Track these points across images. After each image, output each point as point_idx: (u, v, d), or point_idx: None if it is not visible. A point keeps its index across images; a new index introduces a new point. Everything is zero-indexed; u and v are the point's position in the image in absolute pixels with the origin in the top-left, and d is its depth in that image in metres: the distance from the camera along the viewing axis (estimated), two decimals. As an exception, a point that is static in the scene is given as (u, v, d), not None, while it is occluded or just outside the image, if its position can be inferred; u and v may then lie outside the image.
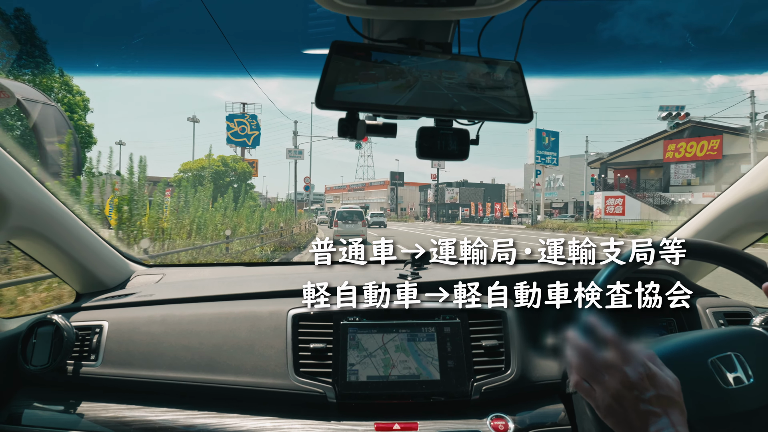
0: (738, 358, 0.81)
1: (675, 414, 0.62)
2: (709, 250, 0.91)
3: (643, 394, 0.62)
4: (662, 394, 0.63)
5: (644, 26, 1.50)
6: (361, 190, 70.36)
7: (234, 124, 29.41)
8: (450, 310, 1.27)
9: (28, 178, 1.25)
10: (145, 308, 1.38)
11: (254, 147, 30.12)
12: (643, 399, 0.62)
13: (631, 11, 1.49)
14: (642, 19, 1.48)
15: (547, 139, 34.78)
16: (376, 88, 0.81)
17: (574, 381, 0.68)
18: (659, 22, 1.52)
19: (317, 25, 1.25)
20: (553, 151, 35.14)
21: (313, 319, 1.26)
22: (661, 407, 0.62)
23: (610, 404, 0.64)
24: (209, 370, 1.21)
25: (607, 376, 0.64)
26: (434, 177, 49.83)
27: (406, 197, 60.85)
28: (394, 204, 59.47)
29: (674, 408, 0.62)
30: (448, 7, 0.80)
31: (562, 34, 1.50)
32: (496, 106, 0.87)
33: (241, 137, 29.58)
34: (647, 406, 0.62)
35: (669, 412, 0.62)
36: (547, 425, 1.16)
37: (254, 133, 29.85)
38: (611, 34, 1.55)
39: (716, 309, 1.36)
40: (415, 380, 1.18)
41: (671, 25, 1.55)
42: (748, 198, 1.35)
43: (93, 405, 1.19)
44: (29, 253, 1.41)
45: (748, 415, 0.78)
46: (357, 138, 0.85)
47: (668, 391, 0.63)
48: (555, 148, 35.19)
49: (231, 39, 1.70)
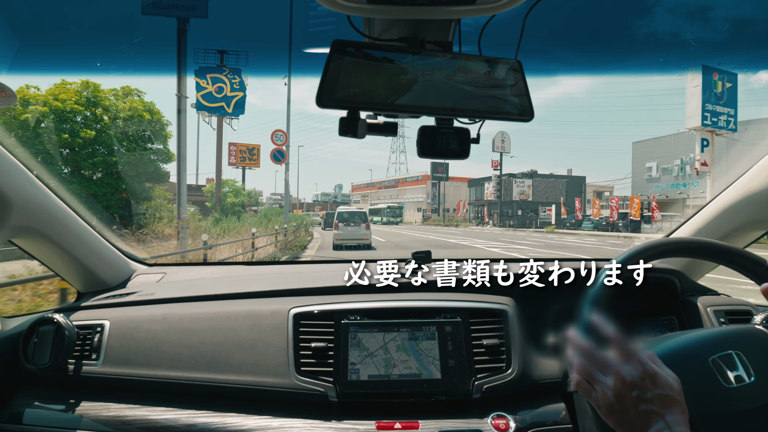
0: (739, 357, 0.81)
1: (676, 413, 0.62)
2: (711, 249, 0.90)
3: (644, 394, 0.62)
4: (663, 393, 0.62)
5: (647, 22, 1.50)
6: (393, 188, 60.27)
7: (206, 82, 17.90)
8: (451, 309, 1.27)
9: (29, 177, 1.25)
10: (147, 307, 1.38)
11: (236, 115, 19.48)
12: (644, 399, 0.62)
13: (632, 10, 1.49)
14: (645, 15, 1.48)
15: (720, 85, 19.99)
16: (377, 86, 0.81)
17: (575, 381, 0.68)
18: (662, 17, 1.52)
19: (318, 24, 1.25)
20: (730, 107, 20.28)
21: (314, 318, 1.26)
22: (662, 407, 0.62)
23: (611, 404, 0.64)
24: (210, 369, 1.21)
25: (608, 375, 0.64)
26: (497, 165, 38.75)
27: (449, 195, 49.74)
28: (436, 203, 48.81)
29: (675, 407, 0.62)
30: (448, 5, 0.80)
31: (564, 32, 1.50)
32: (496, 105, 0.87)
33: (217, 100, 18.17)
34: (648, 405, 0.62)
35: (670, 412, 0.62)
36: (548, 424, 1.16)
37: (236, 96, 18.16)
38: (614, 30, 1.55)
39: (717, 307, 1.36)
40: (416, 379, 1.18)
41: (676, 21, 1.55)
42: (748, 196, 1.35)
43: (94, 404, 1.20)
44: (30, 252, 1.41)
45: (749, 413, 0.78)
46: (358, 137, 0.85)
47: (669, 390, 0.63)
48: (732, 101, 20.27)
49: (232, 38, 1.71)
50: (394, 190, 59.59)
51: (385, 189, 62.01)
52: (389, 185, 61.57)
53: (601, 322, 0.68)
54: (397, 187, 59.10)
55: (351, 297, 1.32)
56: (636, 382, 0.63)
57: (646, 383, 0.63)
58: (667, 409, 0.62)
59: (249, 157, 28.39)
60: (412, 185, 55.58)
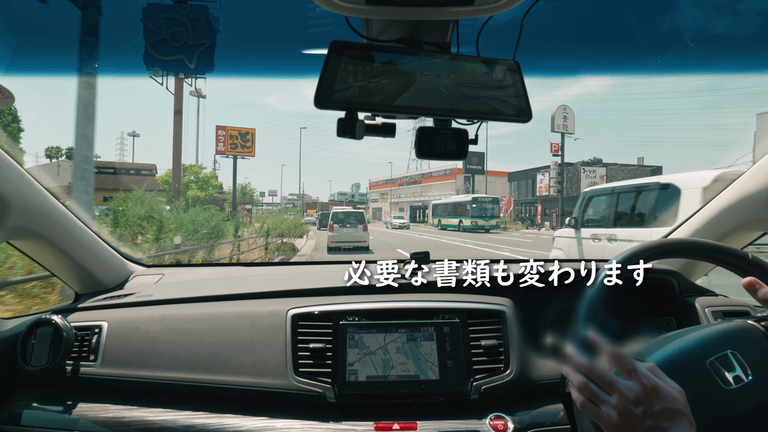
0: (735, 356, 0.81)
1: (683, 425, 0.62)
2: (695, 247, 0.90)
3: (649, 409, 0.62)
4: (668, 407, 0.62)
5: (644, 22, 1.51)
6: (416, 184, 52.34)
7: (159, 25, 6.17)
8: (449, 310, 1.27)
9: (27, 178, 1.25)
10: (145, 308, 1.38)
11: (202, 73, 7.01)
12: (649, 414, 0.62)
13: (633, 9, 1.50)
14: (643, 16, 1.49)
15: None
16: (375, 87, 0.81)
17: (579, 402, 0.68)
18: (658, 17, 1.52)
19: (316, 25, 1.25)
20: None
21: (313, 319, 1.26)
22: (668, 420, 0.61)
23: (617, 423, 0.63)
24: (208, 370, 1.21)
25: (611, 394, 0.64)
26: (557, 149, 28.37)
27: (483, 192, 38.59)
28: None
29: (682, 419, 0.62)
30: (446, 6, 0.80)
31: (562, 33, 1.50)
32: (494, 106, 0.87)
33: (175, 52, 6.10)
34: (655, 421, 0.61)
35: (677, 425, 0.61)
36: (546, 425, 1.16)
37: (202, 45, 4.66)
38: (614, 31, 1.56)
39: (715, 308, 1.36)
40: (415, 380, 1.18)
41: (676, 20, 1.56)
42: (746, 196, 1.35)
43: (92, 405, 1.19)
44: (28, 253, 1.40)
45: (750, 413, 0.78)
46: (356, 138, 0.85)
47: (674, 403, 0.62)
48: None
49: (230, 39, 1.71)
50: (417, 186, 51.86)
51: (406, 186, 54.66)
52: (412, 181, 53.69)
53: (595, 338, 0.68)
54: (421, 183, 51.17)
55: (349, 298, 1.32)
56: (640, 398, 0.62)
57: (651, 398, 0.62)
58: (673, 422, 0.61)
59: (242, 143, 23.87)
60: (439, 180, 47.25)
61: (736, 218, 1.40)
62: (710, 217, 1.47)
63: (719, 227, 1.44)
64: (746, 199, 1.35)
